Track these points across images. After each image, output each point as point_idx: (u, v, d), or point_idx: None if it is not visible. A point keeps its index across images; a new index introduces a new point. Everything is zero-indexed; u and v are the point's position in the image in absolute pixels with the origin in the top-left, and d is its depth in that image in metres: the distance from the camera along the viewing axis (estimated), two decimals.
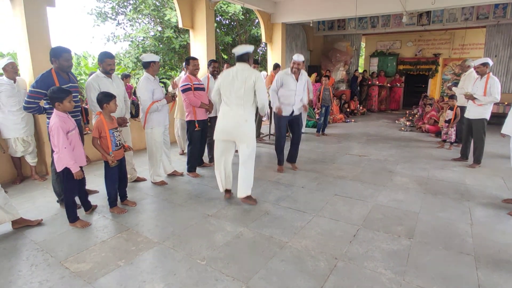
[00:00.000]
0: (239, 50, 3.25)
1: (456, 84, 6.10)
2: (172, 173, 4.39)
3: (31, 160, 4.21)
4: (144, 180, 4.15)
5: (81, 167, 2.93)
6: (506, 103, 8.14)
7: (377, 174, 4.41)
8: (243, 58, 3.25)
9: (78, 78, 9.27)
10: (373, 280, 2.16)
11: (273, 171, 4.59)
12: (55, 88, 2.81)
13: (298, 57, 4.32)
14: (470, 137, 4.87)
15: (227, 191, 3.59)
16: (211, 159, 4.97)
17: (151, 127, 3.87)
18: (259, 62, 6.45)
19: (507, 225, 2.93)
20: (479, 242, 2.64)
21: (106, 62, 3.51)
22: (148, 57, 3.80)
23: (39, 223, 3.00)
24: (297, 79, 4.34)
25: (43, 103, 3.17)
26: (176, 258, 2.44)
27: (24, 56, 4.11)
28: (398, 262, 2.36)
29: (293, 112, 4.38)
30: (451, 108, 5.87)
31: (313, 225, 2.96)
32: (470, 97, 4.58)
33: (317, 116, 8.12)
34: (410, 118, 8.90)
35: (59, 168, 2.83)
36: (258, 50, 11.93)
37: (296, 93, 4.31)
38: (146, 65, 3.79)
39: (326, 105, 7.13)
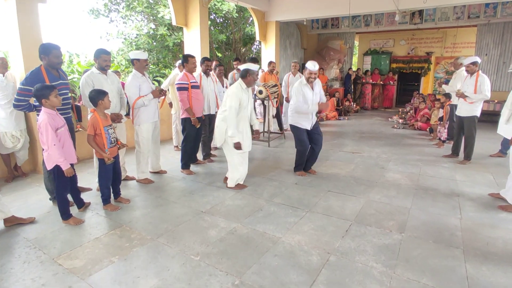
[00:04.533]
0: (242, 66, 3.58)
1: (447, 81, 6.19)
2: (158, 171, 4.36)
3: (21, 158, 4.17)
4: (133, 179, 4.12)
5: (72, 165, 2.92)
6: (496, 101, 8.27)
7: (369, 171, 4.46)
8: (242, 74, 3.57)
9: (70, 77, 9.19)
10: (364, 273, 2.20)
11: (267, 168, 4.61)
12: (39, 85, 2.77)
13: (314, 66, 3.94)
14: (461, 134, 4.95)
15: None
16: (205, 157, 4.98)
17: (138, 124, 3.85)
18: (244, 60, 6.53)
19: (495, 219, 2.99)
20: (468, 235, 2.70)
21: (102, 58, 3.50)
22: (133, 54, 3.81)
23: (31, 222, 2.98)
24: (312, 89, 4.10)
25: (33, 101, 3.14)
26: (170, 254, 2.45)
27: (16, 53, 4.07)
28: (389, 256, 2.40)
29: (311, 124, 4.19)
30: (443, 107, 5.95)
31: (306, 220, 2.99)
32: (461, 95, 4.66)
33: None
34: (403, 115, 8.98)
35: (49, 166, 2.81)
36: (252, 48, 11.93)
37: (313, 102, 4.09)
38: (131, 63, 3.84)
39: None
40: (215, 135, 3.74)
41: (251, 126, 3.91)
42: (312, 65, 3.93)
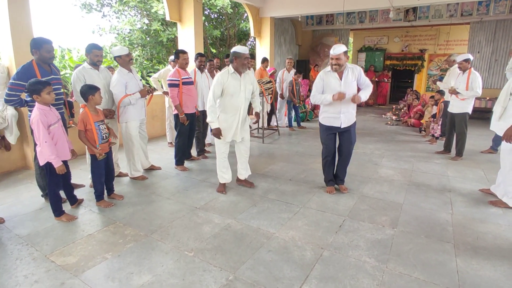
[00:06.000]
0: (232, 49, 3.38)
1: (441, 78, 6.25)
2: (150, 167, 4.34)
3: (12, 139, 4.11)
4: (126, 175, 4.10)
5: (65, 161, 2.89)
6: (488, 98, 8.37)
7: (363, 167, 4.50)
8: (230, 59, 3.32)
9: (62, 72, 9.06)
10: (357, 268, 2.22)
11: (261, 164, 4.62)
12: (33, 80, 2.72)
13: (334, 50, 3.14)
14: (453, 130, 5.01)
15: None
16: (199, 153, 4.97)
17: (125, 121, 3.77)
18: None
19: (485, 214, 3.04)
20: (458, 230, 2.74)
21: (94, 53, 3.45)
22: (114, 52, 3.71)
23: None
24: (340, 78, 3.25)
25: (24, 96, 3.10)
26: (164, 250, 2.45)
27: (6, 47, 4.00)
28: (382, 251, 2.43)
29: (341, 123, 3.34)
30: (436, 104, 6.01)
31: (300, 216, 3.01)
32: (453, 91, 4.71)
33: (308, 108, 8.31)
34: (397, 112, 9.05)
35: (41, 162, 2.77)
36: (247, 44, 11.88)
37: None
38: (115, 60, 3.74)
39: (294, 103, 7.03)
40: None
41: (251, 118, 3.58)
42: (332, 49, 3.16)
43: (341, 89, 3.22)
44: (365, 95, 3.29)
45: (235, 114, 3.37)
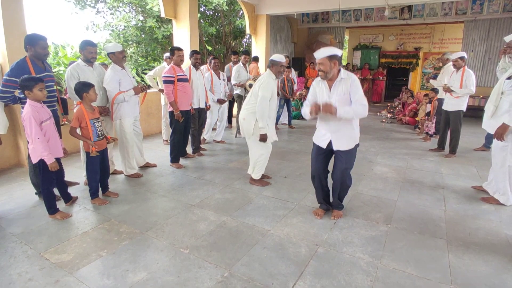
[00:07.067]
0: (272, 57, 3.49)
1: (435, 77, 6.31)
2: (145, 165, 4.33)
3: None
4: (121, 173, 4.08)
5: (58, 159, 2.87)
6: (481, 96, 8.46)
7: (358, 164, 4.49)
8: (268, 65, 3.52)
9: (56, 69, 8.98)
10: (351, 264, 2.25)
11: None
12: (25, 76, 2.69)
13: (316, 53, 2.67)
14: (447, 128, 5.06)
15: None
16: (195, 150, 4.96)
17: (119, 118, 3.75)
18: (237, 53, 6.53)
19: (477, 211, 3.09)
20: (451, 226, 2.78)
21: (88, 50, 3.43)
22: (107, 48, 3.67)
23: None
24: (330, 88, 2.69)
25: (17, 93, 3.07)
26: (159, 247, 2.45)
27: None
28: (376, 247, 2.45)
29: (331, 143, 2.74)
30: (430, 102, 6.06)
31: (295, 213, 3.02)
32: (447, 89, 4.76)
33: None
34: (392, 110, 9.10)
35: (34, 160, 2.75)
36: (242, 42, 11.86)
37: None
38: (108, 57, 3.72)
39: (287, 98, 6.99)
40: (243, 128, 3.60)
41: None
42: (317, 52, 2.68)
43: (329, 100, 2.62)
44: (346, 112, 2.53)
45: (272, 115, 3.60)
